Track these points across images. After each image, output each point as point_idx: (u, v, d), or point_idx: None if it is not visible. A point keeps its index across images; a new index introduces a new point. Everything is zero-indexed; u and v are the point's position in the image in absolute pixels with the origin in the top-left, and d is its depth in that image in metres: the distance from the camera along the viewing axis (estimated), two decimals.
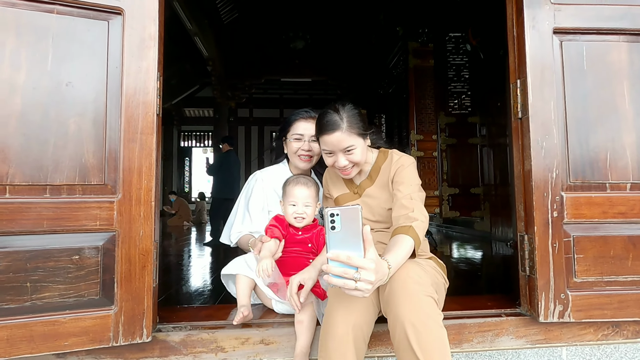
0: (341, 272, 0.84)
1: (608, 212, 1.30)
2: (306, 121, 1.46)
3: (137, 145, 1.18)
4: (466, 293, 2.13)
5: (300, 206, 1.33)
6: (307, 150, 1.45)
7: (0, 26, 1.09)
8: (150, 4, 1.21)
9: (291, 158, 1.51)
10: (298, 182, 1.35)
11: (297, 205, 1.33)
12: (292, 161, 1.51)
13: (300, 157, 1.46)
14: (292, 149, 1.47)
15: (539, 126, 1.30)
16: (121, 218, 1.16)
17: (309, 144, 1.45)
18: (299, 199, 1.32)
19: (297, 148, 1.45)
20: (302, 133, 1.45)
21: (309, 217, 1.35)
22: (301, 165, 1.48)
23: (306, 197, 1.33)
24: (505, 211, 3.74)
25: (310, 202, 1.34)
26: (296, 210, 1.32)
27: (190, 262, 3.64)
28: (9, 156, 1.07)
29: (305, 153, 1.45)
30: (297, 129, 1.46)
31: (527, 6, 1.33)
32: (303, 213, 1.33)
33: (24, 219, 1.08)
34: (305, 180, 1.36)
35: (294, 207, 1.33)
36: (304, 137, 1.45)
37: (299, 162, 1.48)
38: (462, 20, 4.90)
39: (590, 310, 1.28)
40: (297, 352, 1.17)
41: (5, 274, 1.06)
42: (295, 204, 1.33)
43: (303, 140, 1.45)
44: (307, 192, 1.33)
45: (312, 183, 1.37)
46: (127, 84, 1.18)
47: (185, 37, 5.85)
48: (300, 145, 1.45)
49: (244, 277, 1.29)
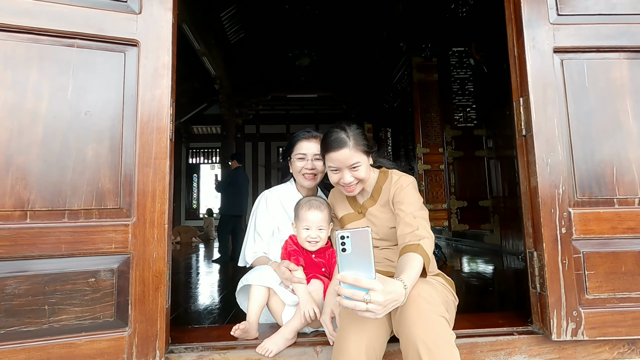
0: (351, 294, 0.85)
1: (617, 227, 1.29)
2: (308, 141, 1.52)
3: (151, 170, 1.22)
4: (478, 309, 2.11)
5: (314, 230, 1.35)
6: (311, 168, 1.50)
7: (25, 61, 1.15)
8: (164, 36, 1.27)
9: (296, 177, 1.56)
10: (311, 205, 1.36)
11: (310, 229, 1.35)
12: (298, 180, 1.56)
13: (305, 176, 1.51)
14: (296, 168, 1.52)
15: (544, 143, 1.31)
16: (135, 241, 1.19)
17: (312, 163, 1.50)
18: (313, 223, 1.35)
19: (301, 167, 1.50)
20: (305, 152, 1.50)
21: (323, 240, 1.37)
22: (306, 183, 1.53)
23: (320, 221, 1.35)
24: (516, 224, 3.70)
25: (323, 225, 1.36)
26: (310, 234, 1.35)
27: (199, 279, 3.65)
28: (30, 183, 1.12)
29: (309, 171, 1.50)
30: (300, 149, 1.51)
31: (526, 27, 1.36)
32: (317, 237, 1.35)
33: (44, 244, 1.12)
34: (318, 204, 1.37)
35: (308, 232, 1.35)
36: (307, 156, 1.50)
37: (303, 181, 1.52)
38: (464, 35, 4.98)
39: (604, 327, 1.26)
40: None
41: (24, 297, 1.09)
42: (309, 227, 1.35)
43: (306, 159, 1.50)
44: (321, 216, 1.35)
45: (325, 206, 1.38)
46: (142, 111, 1.24)
47: (193, 57, 6.02)
48: (304, 165, 1.50)
49: (257, 293, 1.30)
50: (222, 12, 6.58)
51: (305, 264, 1.36)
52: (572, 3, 1.39)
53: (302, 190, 1.57)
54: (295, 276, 1.31)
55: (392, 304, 0.90)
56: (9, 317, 1.07)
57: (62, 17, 1.19)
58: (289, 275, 1.31)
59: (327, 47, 7.65)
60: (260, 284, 1.31)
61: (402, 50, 6.42)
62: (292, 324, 1.27)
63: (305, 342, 1.28)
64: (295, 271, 1.31)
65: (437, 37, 5.54)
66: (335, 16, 6.72)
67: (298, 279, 1.31)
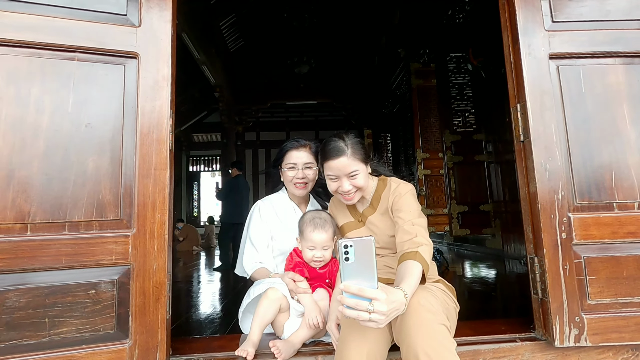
0: (354, 304, 0.85)
1: (618, 232, 1.29)
2: (297, 150, 1.54)
3: (151, 181, 1.23)
4: (481, 315, 2.10)
5: (319, 250, 1.35)
6: (302, 177, 1.52)
7: (27, 75, 1.17)
8: (163, 48, 1.29)
9: (287, 186, 1.58)
10: (315, 225, 1.34)
11: (315, 249, 1.35)
12: (289, 189, 1.58)
13: (296, 185, 1.53)
14: (287, 177, 1.54)
15: (542, 149, 1.32)
16: (136, 252, 1.19)
17: (302, 172, 1.51)
18: (318, 244, 1.34)
19: (292, 176, 1.52)
20: (295, 162, 1.52)
21: (327, 258, 1.38)
22: (297, 192, 1.54)
23: (324, 242, 1.35)
24: (517, 228, 3.70)
25: (328, 244, 1.36)
26: (315, 254, 1.35)
27: (200, 288, 3.63)
28: (31, 195, 1.13)
29: (300, 181, 1.52)
30: (290, 159, 1.53)
31: (522, 34, 1.38)
32: (322, 257, 1.36)
33: (44, 256, 1.12)
34: (322, 223, 1.35)
35: (313, 252, 1.35)
36: (297, 165, 1.52)
37: (295, 190, 1.54)
38: (462, 40, 5.02)
39: (607, 333, 1.25)
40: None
41: (25, 310, 1.09)
42: (314, 248, 1.35)
43: (297, 169, 1.51)
44: (325, 237, 1.34)
45: (329, 224, 1.36)
46: (142, 122, 1.24)
47: (193, 65, 6.07)
48: (294, 174, 1.52)
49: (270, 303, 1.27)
50: (221, 21, 6.65)
51: (309, 276, 1.37)
52: (566, 10, 1.41)
53: (295, 199, 1.59)
54: (300, 287, 1.31)
55: (394, 313, 0.90)
56: (10, 330, 1.07)
57: (63, 31, 1.20)
58: (293, 286, 1.31)
59: (326, 54, 7.72)
60: (279, 288, 1.29)
61: (401, 57, 6.48)
62: (300, 334, 1.27)
63: (306, 351, 1.27)
64: (300, 282, 1.32)
65: (435, 43, 5.59)
66: (334, 24, 6.79)
67: (303, 289, 1.31)
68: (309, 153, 1.54)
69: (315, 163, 1.53)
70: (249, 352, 1.19)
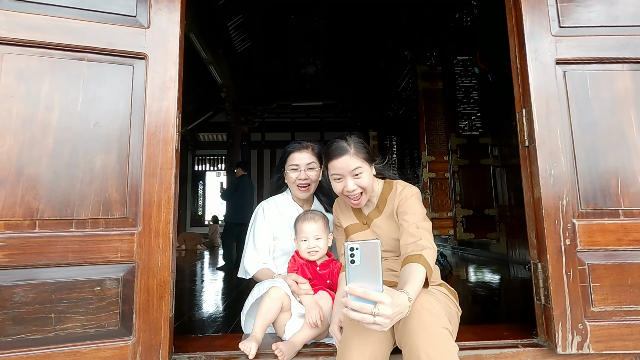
0: (358, 307, 0.85)
1: (623, 239, 1.28)
2: (299, 152, 1.55)
3: (157, 180, 1.24)
4: (484, 319, 2.09)
5: (312, 240, 1.40)
6: (304, 179, 1.53)
7: (37, 74, 1.19)
8: (171, 49, 1.31)
9: (291, 188, 1.60)
10: (305, 218, 1.42)
11: (308, 240, 1.40)
12: (292, 191, 1.60)
13: (299, 187, 1.54)
14: (290, 179, 1.56)
15: (547, 154, 1.31)
16: (141, 250, 1.21)
17: (305, 173, 1.53)
18: (309, 233, 1.39)
19: (295, 178, 1.54)
20: (297, 163, 1.53)
21: (322, 249, 1.41)
22: (300, 194, 1.56)
23: (315, 231, 1.40)
24: (522, 233, 3.66)
25: (320, 234, 1.40)
26: (308, 245, 1.40)
27: (203, 287, 3.66)
28: (40, 192, 1.15)
29: (303, 182, 1.53)
30: (293, 160, 1.55)
31: (528, 39, 1.37)
32: (315, 247, 1.39)
33: (51, 252, 1.14)
34: (312, 215, 1.43)
35: (306, 242, 1.40)
36: (299, 167, 1.53)
37: (297, 192, 1.56)
38: (469, 44, 5.00)
39: (611, 341, 1.24)
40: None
41: (32, 306, 1.11)
42: (307, 239, 1.40)
43: (299, 170, 1.53)
44: (316, 226, 1.40)
45: (319, 217, 1.43)
46: (149, 122, 1.26)
47: (200, 65, 6.11)
48: (297, 175, 1.53)
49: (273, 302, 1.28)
50: (229, 22, 6.69)
51: (311, 277, 1.39)
52: (574, 15, 1.40)
53: (298, 201, 1.61)
54: (302, 288, 1.33)
55: (398, 317, 0.90)
56: (16, 325, 1.09)
57: (73, 31, 1.23)
58: (295, 287, 1.33)
59: (332, 56, 7.72)
60: (281, 287, 1.30)
61: (407, 59, 6.46)
62: (301, 335, 1.27)
63: (307, 352, 1.28)
64: (302, 284, 1.34)
65: (442, 46, 5.57)
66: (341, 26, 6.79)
67: (305, 291, 1.33)
68: (311, 154, 1.55)
69: (318, 164, 1.55)
70: (251, 348, 1.20)
